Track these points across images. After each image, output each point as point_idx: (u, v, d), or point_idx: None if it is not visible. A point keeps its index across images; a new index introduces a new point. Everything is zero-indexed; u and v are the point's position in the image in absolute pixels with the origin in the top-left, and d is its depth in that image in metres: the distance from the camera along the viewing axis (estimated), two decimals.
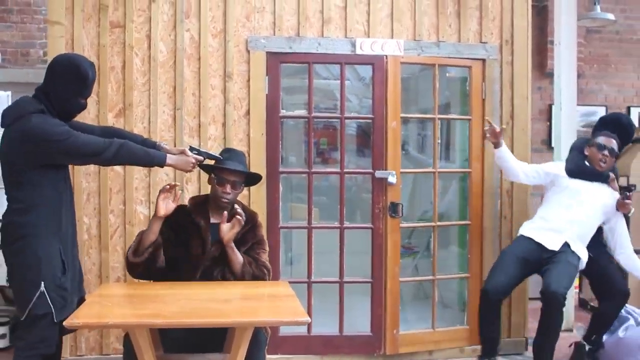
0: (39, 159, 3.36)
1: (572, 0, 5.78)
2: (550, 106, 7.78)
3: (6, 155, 3.41)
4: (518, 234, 4.81)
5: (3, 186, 3.49)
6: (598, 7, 6.95)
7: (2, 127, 3.44)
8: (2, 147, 3.42)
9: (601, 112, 8.46)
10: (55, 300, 3.32)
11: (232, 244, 3.66)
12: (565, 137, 5.73)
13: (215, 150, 4.56)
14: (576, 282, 5.42)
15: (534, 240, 4.65)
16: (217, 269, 3.68)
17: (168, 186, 3.66)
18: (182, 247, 3.71)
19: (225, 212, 3.70)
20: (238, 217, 3.66)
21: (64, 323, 2.81)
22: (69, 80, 3.42)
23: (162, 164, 3.58)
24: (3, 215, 3.47)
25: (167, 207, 3.63)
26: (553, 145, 6.16)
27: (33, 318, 3.31)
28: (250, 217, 3.85)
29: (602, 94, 8.62)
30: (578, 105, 8.21)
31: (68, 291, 3.42)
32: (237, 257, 3.67)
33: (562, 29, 5.76)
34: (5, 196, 3.47)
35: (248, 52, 4.81)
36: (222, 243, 3.67)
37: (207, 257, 3.69)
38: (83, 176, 4.62)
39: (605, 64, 8.61)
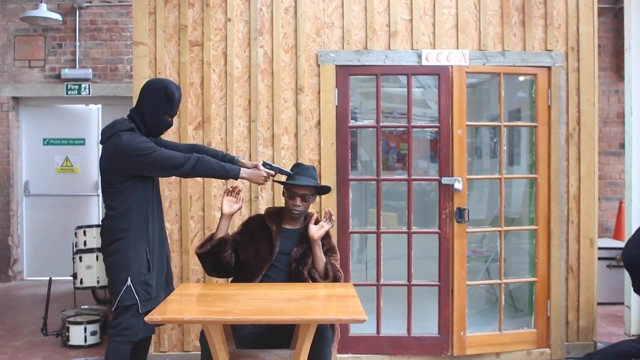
0: (128, 171, 3.77)
1: None
2: None
3: (103, 168, 3.86)
4: None
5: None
6: None
7: (100, 144, 3.90)
8: (100, 162, 3.89)
9: None
10: (140, 294, 3.75)
11: (320, 242, 3.99)
12: (636, 142, 5.74)
13: (288, 162, 4.87)
14: None
15: None
16: (302, 266, 3.98)
17: (231, 188, 4.11)
18: (252, 249, 4.05)
19: (316, 214, 4.10)
20: (328, 216, 4.04)
21: (145, 319, 3.13)
22: (158, 100, 3.84)
23: (236, 176, 3.93)
24: (102, 221, 3.96)
25: (230, 207, 4.07)
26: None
27: (121, 308, 3.75)
28: None
29: None
30: None
31: (152, 287, 3.83)
32: (322, 256, 4.00)
33: (632, 33, 5.77)
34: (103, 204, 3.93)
35: (318, 65, 5.06)
36: (303, 244, 4.01)
37: (272, 260, 3.99)
38: (165, 185, 4.97)
39: None
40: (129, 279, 3.73)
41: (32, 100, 9.02)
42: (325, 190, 4.30)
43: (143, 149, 3.73)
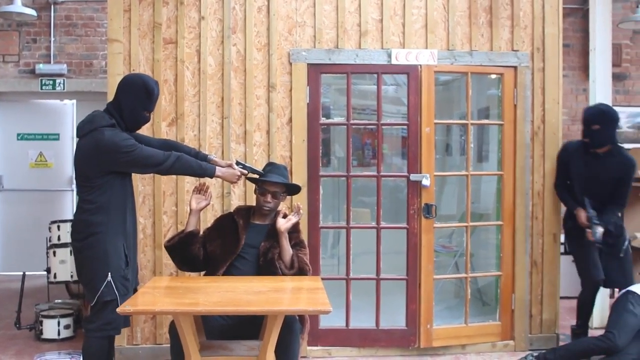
0: (109, 167, 3.85)
1: (607, 7, 5.95)
2: None
3: (80, 162, 3.90)
4: None
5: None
6: None
7: (78, 137, 3.94)
8: (76, 156, 3.93)
9: None
10: (119, 289, 3.83)
11: (287, 235, 4.14)
12: None
13: (259, 159, 5.01)
14: None
15: None
16: (270, 257, 4.12)
17: (199, 185, 4.31)
18: (219, 242, 4.21)
19: (283, 208, 4.30)
20: (296, 210, 4.22)
21: (117, 310, 3.23)
22: (137, 96, 3.92)
23: (211, 175, 4.07)
24: (75, 214, 4.00)
25: (198, 204, 4.26)
26: None
27: (101, 304, 3.82)
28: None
29: None
30: (625, 106, 8.37)
31: (129, 281, 3.93)
32: (289, 248, 4.14)
33: (597, 35, 5.95)
34: (76, 197, 3.98)
35: (290, 64, 5.15)
36: (271, 238, 4.16)
37: (237, 252, 4.14)
38: (139, 180, 5.03)
39: None
40: (109, 275, 3.79)
41: (6, 95, 9.00)
42: (296, 189, 4.46)
43: (126, 147, 3.80)
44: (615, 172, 5.11)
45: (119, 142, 3.79)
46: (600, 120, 5.05)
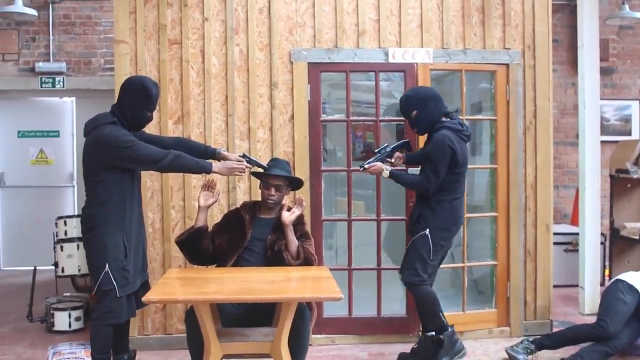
0: (109, 161, 4.04)
1: (594, 3, 6.16)
2: None
3: (85, 159, 4.11)
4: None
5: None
6: (627, 7, 7.31)
7: (84, 136, 4.14)
8: (83, 153, 4.13)
9: (635, 105, 8.80)
10: (117, 279, 4.03)
11: (292, 227, 4.34)
12: (589, 133, 6.14)
13: (263, 155, 5.19)
14: None
15: None
16: (277, 249, 4.32)
17: (207, 182, 4.50)
18: (226, 236, 4.44)
19: (287, 202, 4.53)
20: (299, 202, 4.42)
21: (143, 299, 3.43)
22: (137, 98, 4.11)
23: (209, 172, 4.27)
24: (82, 209, 4.21)
25: (206, 200, 4.47)
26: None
27: (100, 293, 4.05)
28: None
29: (635, 88, 8.91)
30: (613, 99, 8.59)
31: (130, 273, 4.11)
32: (294, 240, 4.35)
33: (585, 31, 6.17)
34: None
35: (291, 63, 5.34)
36: (277, 231, 4.35)
37: (244, 246, 4.35)
38: (147, 176, 5.20)
39: (638, 58, 8.90)
40: (107, 265, 4.00)
41: (6, 94, 9.13)
42: (298, 183, 4.65)
43: (124, 142, 3.99)
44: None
45: (119, 137, 3.99)
46: (412, 106, 4.70)
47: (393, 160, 4.91)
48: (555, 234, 5.69)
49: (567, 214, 8.71)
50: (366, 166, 4.77)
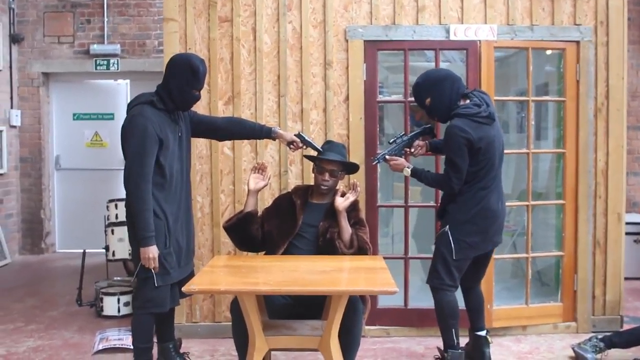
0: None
1: None
2: None
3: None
4: None
5: None
6: None
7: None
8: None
9: None
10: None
11: (345, 214, 4.08)
12: None
13: (317, 137, 4.96)
14: None
15: None
16: (330, 236, 4.09)
17: (257, 165, 4.29)
18: (276, 222, 4.20)
19: (342, 187, 4.27)
20: (354, 187, 4.15)
21: (183, 289, 3.24)
22: (184, 76, 3.89)
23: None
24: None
25: (256, 184, 4.24)
26: None
27: (140, 281, 3.90)
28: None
29: None
30: None
31: (170, 262, 3.91)
32: (348, 227, 4.09)
33: None
34: None
35: (346, 41, 5.09)
36: (330, 217, 4.11)
37: (295, 232, 4.12)
38: (197, 159, 5.05)
39: None
40: None
41: (61, 76, 9.15)
42: (354, 167, 4.39)
43: (130, 142, 3.80)
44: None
45: (132, 133, 3.80)
46: (424, 93, 4.26)
47: (413, 150, 4.51)
48: (625, 223, 5.32)
49: (637, 202, 8.30)
50: (387, 157, 4.38)
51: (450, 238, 4.18)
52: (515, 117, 6.95)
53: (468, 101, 4.20)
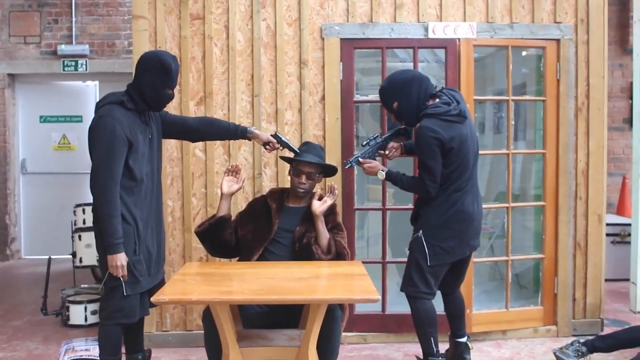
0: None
1: None
2: (632, 83, 7.62)
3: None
4: None
5: None
6: None
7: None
8: None
9: None
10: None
11: (322, 218, 3.92)
12: None
13: (292, 138, 4.81)
14: None
15: None
16: (306, 241, 3.91)
17: (231, 167, 4.10)
18: (251, 227, 4.03)
19: (319, 190, 4.08)
20: (331, 190, 4.00)
21: (152, 299, 3.05)
22: (156, 74, 3.69)
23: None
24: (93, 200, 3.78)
25: (230, 187, 4.04)
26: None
27: (107, 291, 3.69)
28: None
29: None
30: None
31: (139, 270, 3.70)
32: (325, 232, 3.93)
33: (638, 6, 5.68)
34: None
35: (322, 39, 4.94)
36: (306, 222, 3.96)
37: (270, 237, 3.96)
38: (167, 162, 4.86)
39: None
40: None
41: (28, 77, 8.90)
42: (332, 170, 4.24)
43: (97, 145, 3.59)
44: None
45: (100, 136, 3.58)
46: (390, 97, 4.12)
47: (387, 153, 4.33)
48: (608, 224, 5.25)
49: (613, 203, 8.23)
50: (360, 160, 4.20)
51: (425, 244, 4.03)
52: (492, 117, 6.86)
53: (437, 100, 4.06)
